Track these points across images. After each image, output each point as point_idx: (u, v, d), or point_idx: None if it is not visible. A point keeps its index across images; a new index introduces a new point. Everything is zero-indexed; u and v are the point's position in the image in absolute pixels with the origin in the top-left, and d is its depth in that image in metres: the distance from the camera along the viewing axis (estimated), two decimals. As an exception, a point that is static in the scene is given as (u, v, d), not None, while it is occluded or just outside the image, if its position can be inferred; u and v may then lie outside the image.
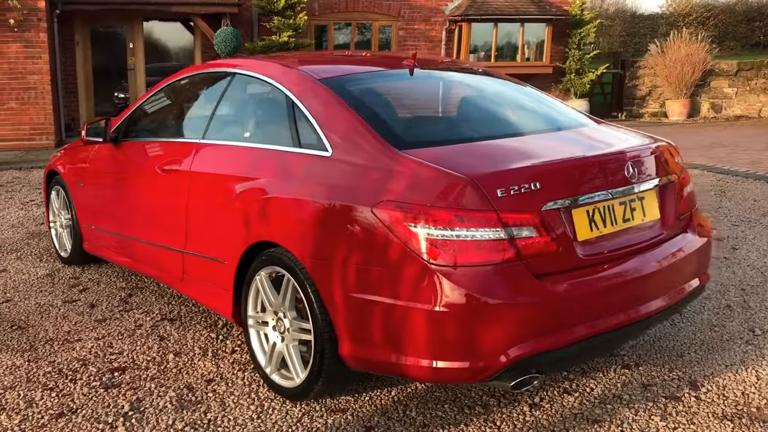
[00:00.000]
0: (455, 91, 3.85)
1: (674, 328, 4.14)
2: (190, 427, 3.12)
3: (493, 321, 2.66)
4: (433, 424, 3.12)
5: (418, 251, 2.70)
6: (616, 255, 3.02)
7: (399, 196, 2.79)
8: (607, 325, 2.91)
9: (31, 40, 11.35)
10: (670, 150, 3.45)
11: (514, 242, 2.71)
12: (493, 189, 2.71)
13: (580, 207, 2.91)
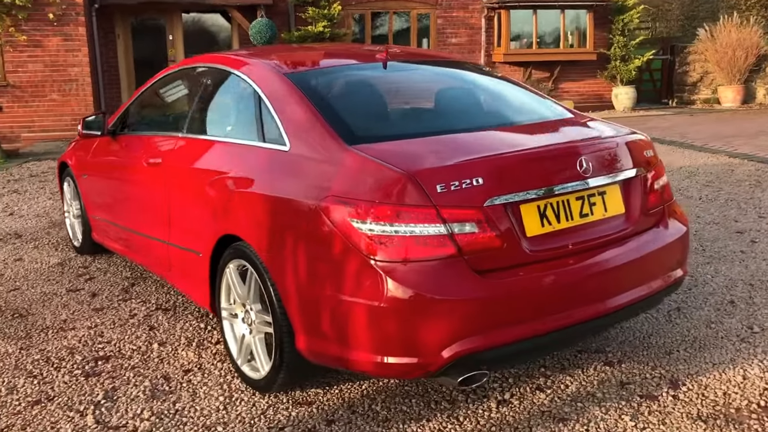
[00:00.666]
0: (423, 85, 3.79)
1: (668, 324, 4.01)
2: (156, 416, 3.17)
3: (433, 317, 2.63)
4: (396, 419, 3.10)
5: (359, 247, 2.69)
6: (570, 251, 2.94)
7: (343, 191, 2.78)
8: (560, 321, 2.84)
9: (70, 34, 11.69)
10: (640, 143, 3.34)
11: (455, 238, 2.67)
12: (433, 184, 2.67)
13: (529, 202, 2.84)
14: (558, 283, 2.85)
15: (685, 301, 4.32)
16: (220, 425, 3.09)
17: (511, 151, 2.95)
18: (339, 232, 2.74)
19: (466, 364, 2.72)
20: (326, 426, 3.06)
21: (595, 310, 2.94)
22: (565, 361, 3.60)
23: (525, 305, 2.77)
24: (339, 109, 3.24)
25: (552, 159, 2.94)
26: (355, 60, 3.90)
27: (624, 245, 3.10)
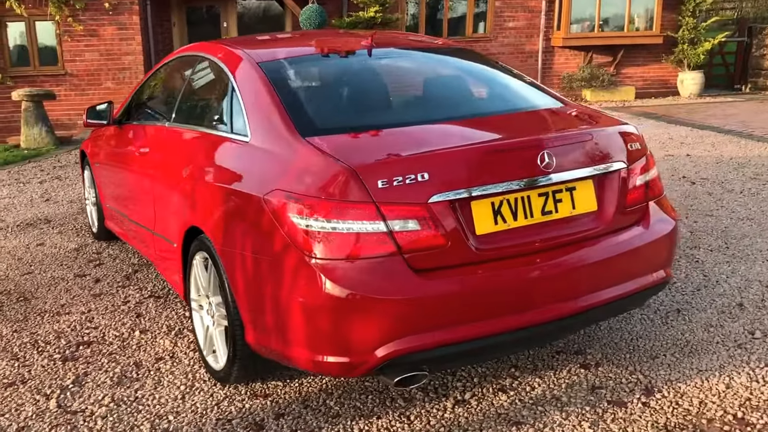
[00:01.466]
0: (399, 75, 3.67)
1: (663, 326, 3.80)
2: (115, 403, 3.21)
3: (367, 316, 2.55)
4: (346, 415, 3.04)
5: (296, 243, 2.63)
6: (526, 250, 2.79)
7: (288, 185, 2.72)
8: (510, 324, 2.71)
9: (125, 23, 12.01)
10: (623, 136, 3.13)
11: (394, 236, 2.57)
12: (374, 180, 2.57)
13: (480, 199, 2.71)
14: (509, 283, 2.72)
15: (689, 303, 4.09)
16: (172, 414, 3.10)
17: (461, 145, 2.81)
18: (279, 227, 2.68)
19: (403, 365, 2.64)
20: (275, 420, 3.03)
21: (552, 312, 2.79)
22: (539, 361, 3.46)
23: (469, 306, 2.65)
24: (303, 100, 3.19)
25: (508, 153, 2.78)
26: (338, 49, 3.82)
27: (592, 245, 2.93)
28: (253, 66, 3.37)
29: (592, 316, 2.97)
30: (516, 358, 3.49)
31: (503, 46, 14.76)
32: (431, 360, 2.67)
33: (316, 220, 2.58)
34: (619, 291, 2.97)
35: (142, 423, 3.04)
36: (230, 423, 3.02)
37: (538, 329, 2.78)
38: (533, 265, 2.76)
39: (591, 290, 2.88)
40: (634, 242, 3.02)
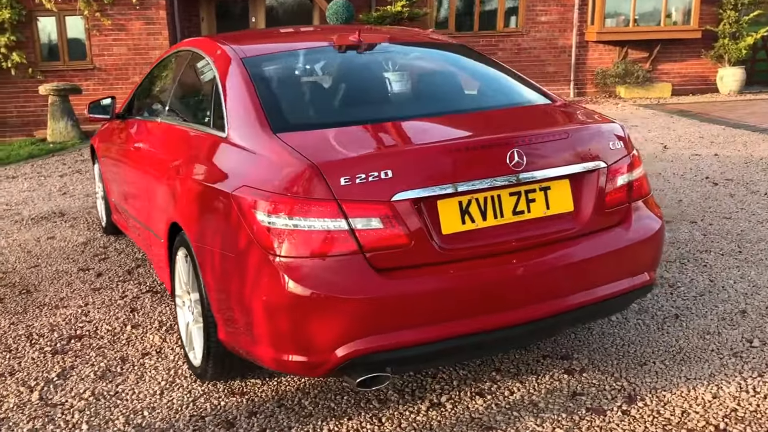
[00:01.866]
0: (380, 70, 3.62)
1: (658, 332, 3.69)
2: (94, 397, 3.23)
3: (327, 315, 2.52)
4: (318, 415, 3.02)
5: (260, 240, 2.61)
6: (495, 251, 2.73)
7: (254, 181, 2.71)
8: (477, 326, 2.65)
9: (152, 18, 12.14)
10: (604, 134, 3.05)
11: (356, 234, 2.54)
12: (337, 177, 2.54)
13: (447, 198, 2.66)
14: (476, 285, 2.66)
15: (689, 308, 3.96)
16: (147, 409, 3.12)
17: (426, 143, 2.76)
18: (245, 224, 2.67)
19: (365, 365, 2.61)
20: (247, 418, 3.02)
21: (524, 315, 2.73)
22: (523, 365, 3.39)
23: (433, 307, 2.60)
24: (280, 96, 3.18)
25: (475, 151, 2.72)
26: (323, 44, 3.79)
27: (568, 247, 2.85)
28: (236, 61, 3.37)
29: (568, 319, 2.89)
30: (500, 362, 3.42)
31: (535, 41, 14.56)
32: (394, 361, 2.64)
33: (279, 218, 2.56)
34: (597, 294, 2.89)
35: (118, 417, 3.06)
36: (203, 420, 3.02)
37: (508, 332, 2.72)
38: (503, 267, 2.70)
39: (566, 293, 2.81)
40: (613, 244, 2.93)
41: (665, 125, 10.53)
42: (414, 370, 3.28)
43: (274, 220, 2.57)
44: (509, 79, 3.63)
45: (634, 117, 11.31)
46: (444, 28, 14.27)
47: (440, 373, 3.33)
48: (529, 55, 14.62)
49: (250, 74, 3.22)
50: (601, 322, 3.80)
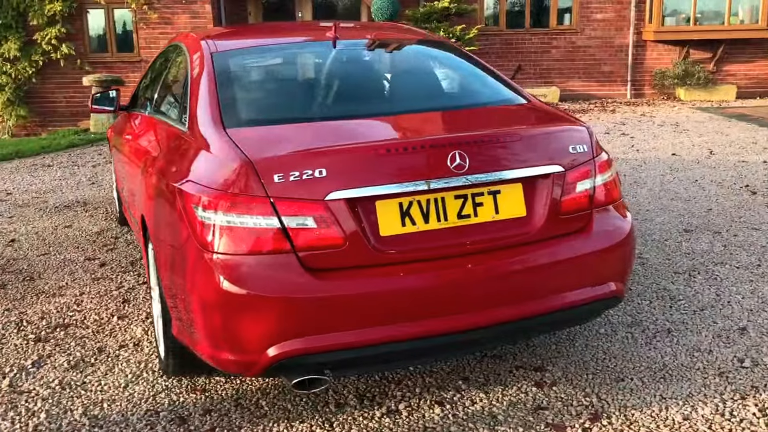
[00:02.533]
0: (347, 66, 3.55)
1: (645, 347, 3.52)
2: (61, 386, 3.27)
3: (258, 314, 2.48)
4: (271, 417, 2.98)
5: (196, 235, 2.60)
6: (439, 254, 2.64)
7: (197, 176, 2.70)
8: (417, 331, 2.57)
9: (197, 12, 12.33)
10: (565, 137, 2.92)
11: (288, 233, 2.48)
12: (270, 174, 2.50)
13: (386, 199, 2.58)
14: (415, 289, 2.58)
15: (685, 323, 3.77)
16: (107, 401, 3.13)
17: (363, 142, 2.69)
18: (186, 219, 2.66)
19: (299, 367, 2.56)
20: (201, 415, 3.01)
21: (467, 321, 2.63)
22: (493, 375, 3.28)
23: (368, 310, 2.53)
24: (238, 91, 3.16)
25: (415, 152, 2.62)
26: (299, 39, 3.75)
27: (519, 253, 2.74)
28: (206, 57, 3.37)
29: (519, 328, 2.78)
30: (470, 370, 3.32)
31: (590, 39, 14.18)
32: (330, 364, 2.58)
33: (214, 213, 2.54)
34: (552, 304, 2.77)
35: (77, 408, 3.09)
36: (157, 415, 3.02)
37: (450, 339, 2.63)
38: (445, 271, 2.61)
39: (516, 301, 2.70)
40: (569, 252, 2.80)
41: (719, 129, 10.10)
42: (354, 374, 3.21)
43: (210, 215, 2.55)
44: (485, 78, 3.51)
45: (687, 121, 10.90)
46: (494, 25, 14.07)
47: (405, 379, 3.25)
48: (584, 54, 14.25)
49: (214, 69, 3.22)
50: (586, 334, 3.65)
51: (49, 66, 12.62)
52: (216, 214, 2.52)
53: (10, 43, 12.36)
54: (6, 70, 12.46)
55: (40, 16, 12.29)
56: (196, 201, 2.60)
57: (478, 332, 2.66)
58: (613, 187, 3.01)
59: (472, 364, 3.38)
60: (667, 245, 4.99)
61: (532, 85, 13.98)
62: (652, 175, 7.15)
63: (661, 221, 5.57)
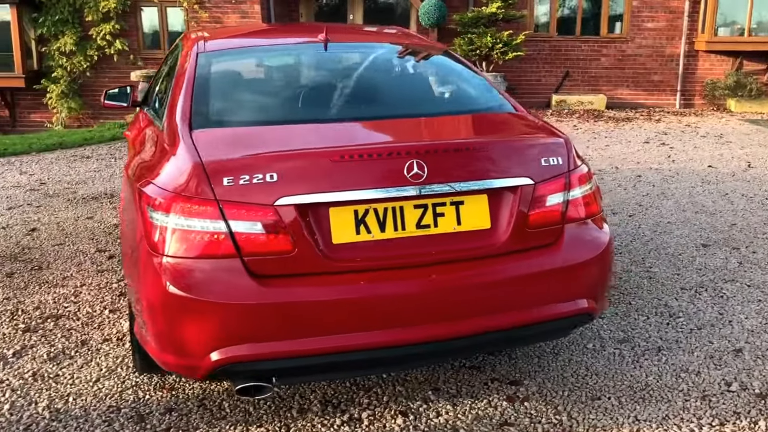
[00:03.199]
0: (327, 70, 3.48)
1: (631, 365, 3.38)
2: (33, 377, 3.31)
3: (200, 319, 2.45)
4: (231, 419, 2.95)
5: (148, 237, 2.58)
6: (395, 264, 2.57)
7: (156, 176, 2.69)
8: (369, 342, 2.50)
9: (246, 12, 12.48)
10: (536, 149, 2.81)
11: (235, 237, 2.45)
12: (220, 177, 2.47)
13: (340, 206, 2.51)
14: (368, 299, 2.51)
15: (678, 342, 3.60)
16: (73, 395, 3.15)
17: (315, 148, 2.64)
18: (141, 219, 2.66)
19: (244, 373, 2.52)
20: (161, 414, 3.00)
21: (423, 334, 2.55)
22: (466, 386, 3.19)
23: (316, 319, 2.47)
24: (212, 92, 3.15)
25: (370, 160, 2.56)
26: (292, 41, 3.73)
27: (481, 266, 2.65)
28: (191, 56, 3.38)
29: (477, 342, 2.68)
30: (444, 380, 3.23)
31: (641, 48, 13.82)
32: (276, 371, 2.54)
33: (164, 215, 2.52)
34: (515, 319, 2.66)
35: (42, 400, 3.11)
36: (117, 411, 3.02)
37: (404, 350, 2.56)
38: (400, 282, 2.54)
39: (476, 315, 2.61)
40: (536, 267, 2.69)
41: (764, 142, 9.71)
42: (303, 382, 3.15)
43: (160, 216, 2.53)
44: (475, 87, 3.41)
45: (732, 133, 10.51)
46: (544, 32, 13.84)
47: (375, 387, 3.19)
48: (634, 62, 13.90)
49: (195, 69, 3.22)
50: (572, 349, 3.52)
51: (102, 60, 13.02)
52: (167, 216, 2.50)
53: (67, 37, 12.79)
54: (62, 64, 12.91)
55: (95, 12, 12.68)
56: (150, 202, 2.59)
57: (433, 345, 2.58)
58: (591, 202, 2.89)
59: (447, 374, 3.29)
60: (679, 259, 4.80)
61: (579, 92, 13.73)
62: (682, 187, 6.90)
63: (679, 234, 5.36)
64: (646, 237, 5.31)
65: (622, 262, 4.75)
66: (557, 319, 2.74)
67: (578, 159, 2.94)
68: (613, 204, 6.28)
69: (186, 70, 3.25)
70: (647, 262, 4.75)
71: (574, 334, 3.66)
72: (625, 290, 4.27)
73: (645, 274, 4.54)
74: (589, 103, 13.33)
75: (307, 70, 3.48)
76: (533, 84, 13.87)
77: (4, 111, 13.61)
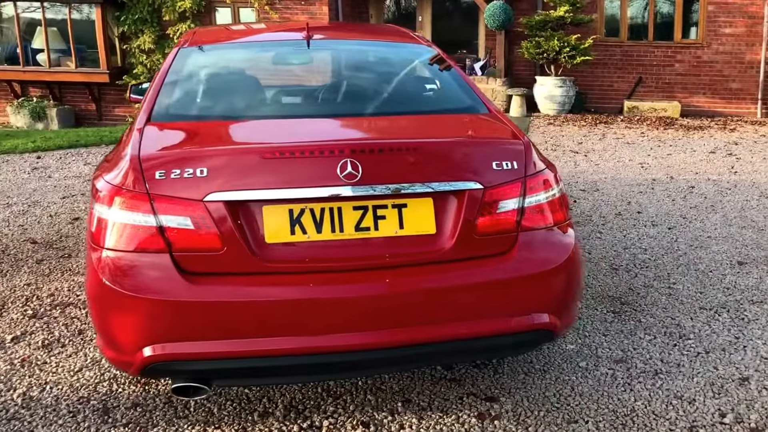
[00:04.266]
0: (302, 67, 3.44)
1: (621, 388, 3.18)
2: (22, 363, 3.39)
3: (131, 314, 2.45)
4: (192, 418, 2.94)
5: (89, 229, 2.61)
6: (331, 267, 2.49)
7: (106, 170, 2.71)
8: (302, 347, 2.43)
9: (315, 13, 12.62)
10: (489, 152, 2.69)
11: (165, 232, 2.44)
12: (153, 171, 2.47)
13: (274, 204, 2.46)
14: (300, 302, 2.44)
15: (680, 366, 3.38)
16: (51, 384, 3.22)
17: (246, 144, 2.62)
18: (90, 211, 2.69)
19: (179, 372, 2.51)
20: (127, 409, 3.02)
21: (358, 341, 2.46)
22: (439, 400, 3.08)
23: (245, 320, 2.42)
24: (180, 85, 3.19)
25: (307, 158, 2.49)
26: (275, 38, 3.71)
27: (421, 273, 2.53)
28: (175, 50, 3.44)
29: (418, 353, 2.57)
30: (418, 392, 3.13)
31: (717, 54, 13.15)
32: (210, 372, 2.51)
33: (105, 208, 2.54)
34: (460, 331, 2.53)
35: (21, 387, 3.19)
36: (86, 403, 3.06)
37: (337, 358, 2.48)
38: (337, 286, 2.46)
39: (416, 323, 2.50)
40: (484, 276, 2.56)
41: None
42: (240, 385, 3.09)
43: (99, 209, 2.56)
44: (452, 87, 3.30)
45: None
46: (614, 36, 13.37)
47: (346, 394, 3.12)
48: (710, 69, 13.25)
49: (172, 63, 3.26)
50: (564, 366, 3.35)
51: (180, 59, 13.47)
52: (108, 209, 2.52)
53: (146, 36, 13.29)
54: (142, 61, 13.42)
55: (172, 12, 13.11)
56: (95, 194, 2.63)
57: (370, 354, 2.49)
58: (554, 209, 2.72)
59: (424, 384, 3.19)
60: (708, 277, 4.51)
61: (653, 99, 13.20)
62: (735, 200, 6.51)
63: (716, 250, 5.05)
64: (679, 252, 5.02)
65: (645, 277, 4.50)
66: (509, 334, 2.60)
67: (541, 163, 2.77)
68: (656, 216, 5.98)
69: (164, 64, 3.29)
70: (672, 278, 4.49)
71: (569, 351, 3.49)
72: (639, 306, 4.04)
73: (666, 290, 4.29)
74: (663, 110, 12.79)
75: (274, 67, 3.48)
76: (605, 89, 13.44)
77: (92, 105, 14.23)
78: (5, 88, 13.29)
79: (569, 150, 9.18)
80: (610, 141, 9.92)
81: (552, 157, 8.57)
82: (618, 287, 4.35)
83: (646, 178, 7.53)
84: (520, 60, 13.15)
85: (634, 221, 5.83)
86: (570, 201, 6.43)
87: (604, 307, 4.04)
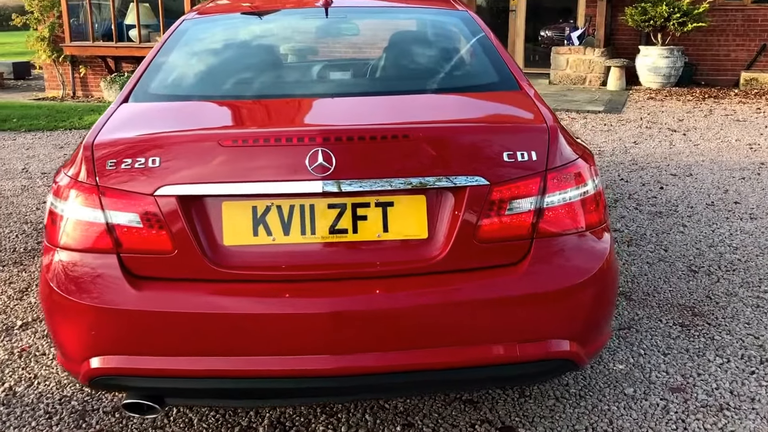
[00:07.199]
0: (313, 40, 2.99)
1: (671, 426, 2.65)
2: (19, 354, 3.23)
3: (75, 320, 2.16)
4: (167, 429, 2.66)
5: (46, 225, 2.33)
6: (300, 275, 2.11)
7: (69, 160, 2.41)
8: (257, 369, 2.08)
9: None
10: (498, 140, 2.20)
11: (113, 230, 2.12)
12: (104, 160, 2.15)
13: (235, 200, 2.09)
14: (261, 316, 2.07)
15: (755, 400, 2.81)
16: (39, 379, 3.02)
17: (208, 129, 2.25)
18: None
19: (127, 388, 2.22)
20: (104, 414, 2.77)
21: (326, 366, 2.06)
22: (448, 425, 2.67)
23: (199, 335, 2.08)
24: (172, 59, 2.85)
25: (273, 147, 2.10)
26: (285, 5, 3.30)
27: (409, 285, 2.10)
28: (179, 22, 3.09)
29: (402, 382, 2.15)
30: (425, 414, 2.72)
31: None
32: (159, 390, 2.20)
33: (58, 202, 2.25)
34: (455, 357, 2.09)
35: (10, 380, 3.02)
36: (67, 403, 2.83)
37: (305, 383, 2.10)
38: (305, 299, 2.07)
39: (399, 347, 2.08)
40: (486, 292, 2.10)
41: None
42: (195, 405, 2.75)
43: (51, 201, 2.28)
44: (479, 58, 2.80)
45: None
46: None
47: (340, 413, 2.75)
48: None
49: (168, 37, 2.92)
50: (605, 392, 2.84)
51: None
52: (60, 203, 2.23)
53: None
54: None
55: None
56: (52, 188, 2.34)
57: (342, 380, 2.09)
58: (586, 209, 2.19)
59: (433, 406, 2.77)
60: (806, 287, 3.82)
61: (776, 70, 11.94)
62: None
63: (822, 253, 4.31)
64: (777, 252, 4.32)
65: (729, 283, 3.86)
66: (517, 363, 2.13)
67: (570, 153, 2.25)
68: (757, 207, 5.23)
69: (162, 38, 2.96)
70: (764, 286, 3.83)
71: (616, 373, 2.97)
72: (715, 320, 3.44)
73: (753, 300, 3.65)
74: (788, 85, 11.55)
75: (275, 40, 3.07)
76: (720, 59, 12.24)
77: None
78: (100, 64, 13.53)
79: (666, 128, 8.34)
80: (717, 118, 8.97)
81: (645, 137, 7.80)
82: (693, 294, 3.74)
83: (753, 161, 6.68)
84: (623, 28, 12.17)
85: (728, 213, 5.11)
86: (656, 187, 5.75)
87: (671, 319, 3.46)
